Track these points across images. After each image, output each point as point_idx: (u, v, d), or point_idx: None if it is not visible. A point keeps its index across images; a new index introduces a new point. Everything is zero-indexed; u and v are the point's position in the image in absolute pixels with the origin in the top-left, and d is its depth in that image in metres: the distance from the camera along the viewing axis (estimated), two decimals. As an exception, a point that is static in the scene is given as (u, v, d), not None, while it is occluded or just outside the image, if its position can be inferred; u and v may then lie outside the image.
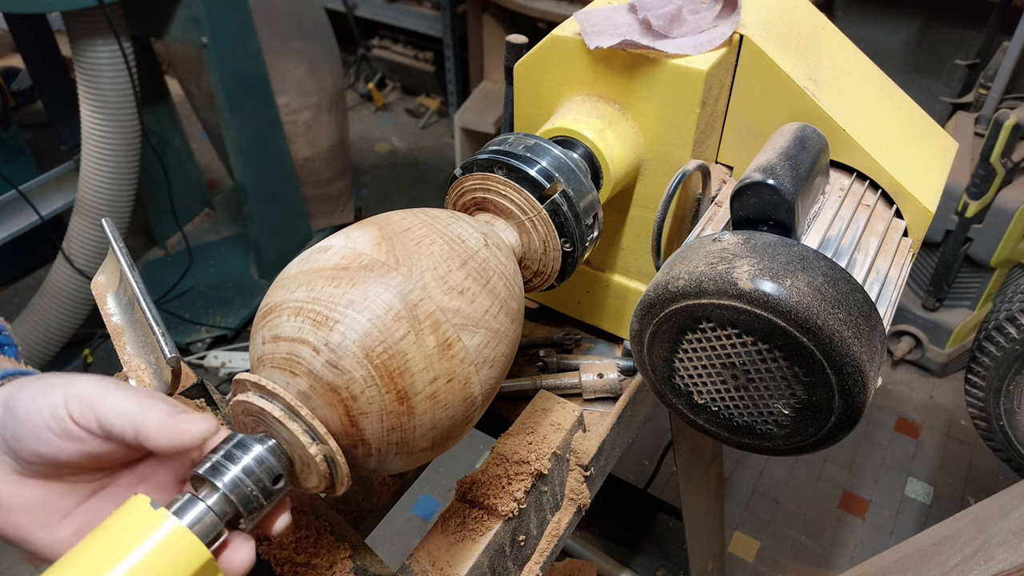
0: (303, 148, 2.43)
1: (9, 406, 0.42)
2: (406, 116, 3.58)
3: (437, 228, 0.51)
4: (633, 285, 0.76)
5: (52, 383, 0.42)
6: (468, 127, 2.82)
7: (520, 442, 0.61)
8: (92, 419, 0.41)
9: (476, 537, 0.59)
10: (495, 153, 0.58)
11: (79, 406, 0.41)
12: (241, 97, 2.03)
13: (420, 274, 0.47)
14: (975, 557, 0.72)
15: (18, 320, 2.07)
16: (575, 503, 0.67)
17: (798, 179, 0.55)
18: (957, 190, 1.93)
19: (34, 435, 0.41)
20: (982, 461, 2.02)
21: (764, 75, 0.64)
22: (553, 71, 0.67)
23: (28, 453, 0.41)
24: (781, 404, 0.51)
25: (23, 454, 0.41)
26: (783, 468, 2.03)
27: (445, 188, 0.62)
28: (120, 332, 0.60)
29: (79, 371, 2.36)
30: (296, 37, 2.26)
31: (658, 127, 0.65)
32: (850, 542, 1.86)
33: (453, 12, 2.93)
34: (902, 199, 0.65)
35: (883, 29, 2.41)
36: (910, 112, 0.74)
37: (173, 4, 1.85)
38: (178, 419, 0.41)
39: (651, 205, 0.70)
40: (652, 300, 0.53)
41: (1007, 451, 1.23)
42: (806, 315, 0.46)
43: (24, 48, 2.06)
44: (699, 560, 1.21)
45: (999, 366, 1.18)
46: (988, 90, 1.99)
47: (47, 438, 0.41)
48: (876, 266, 0.60)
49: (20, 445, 0.41)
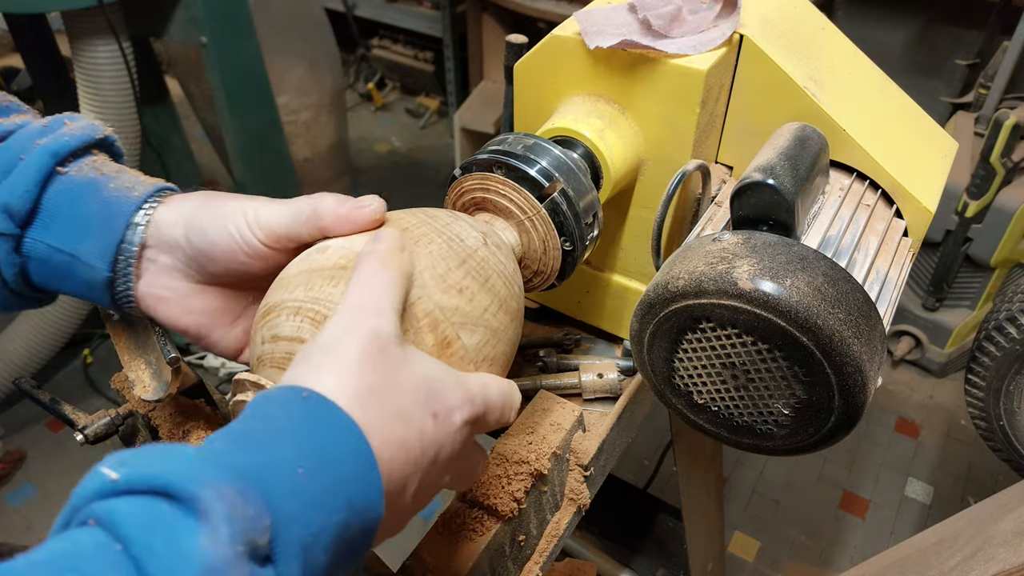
0: (303, 148, 2.43)
1: (194, 227, 0.48)
2: (406, 116, 3.58)
3: (436, 227, 0.51)
4: (633, 285, 0.76)
5: (228, 210, 0.48)
6: (468, 127, 2.82)
7: (520, 442, 0.61)
8: (273, 234, 0.48)
9: (476, 537, 0.59)
10: (494, 153, 0.58)
11: (260, 224, 0.48)
12: (241, 97, 2.03)
13: (418, 273, 0.46)
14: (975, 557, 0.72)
15: (18, 320, 2.07)
16: (575, 503, 0.67)
17: (798, 179, 0.55)
18: (957, 190, 1.92)
19: (229, 256, 0.48)
20: (982, 461, 2.02)
21: (764, 75, 0.64)
22: (553, 71, 0.67)
23: (219, 269, 0.49)
24: (781, 404, 0.51)
25: (212, 269, 0.49)
26: (783, 468, 2.03)
27: (445, 188, 0.62)
28: (120, 332, 0.60)
29: (79, 371, 2.35)
30: (296, 37, 2.26)
31: (658, 127, 0.65)
32: (850, 542, 1.86)
33: (453, 12, 2.93)
34: (902, 199, 0.65)
35: (883, 29, 2.41)
36: (910, 112, 0.74)
37: (173, 4, 1.84)
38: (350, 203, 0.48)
39: (651, 205, 0.70)
40: (652, 300, 0.53)
41: (1007, 451, 1.23)
42: (806, 315, 0.46)
43: (24, 48, 2.06)
44: (699, 560, 1.21)
45: (999, 366, 1.18)
46: (988, 90, 1.99)
47: (241, 259, 0.48)
48: (876, 266, 0.60)
49: (211, 263, 0.49)
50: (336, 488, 0.33)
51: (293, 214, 0.48)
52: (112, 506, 0.28)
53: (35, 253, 0.48)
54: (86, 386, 2.25)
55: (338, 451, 0.34)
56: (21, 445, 2.09)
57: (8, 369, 2.06)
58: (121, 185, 0.49)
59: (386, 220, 0.50)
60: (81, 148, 0.50)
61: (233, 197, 0.50)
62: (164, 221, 0.49)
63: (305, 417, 0.34)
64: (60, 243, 0.48)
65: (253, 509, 0.30)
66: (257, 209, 0.48)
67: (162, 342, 0.55)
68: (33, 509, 1.93)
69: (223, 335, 0.54)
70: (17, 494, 1.98)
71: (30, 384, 0.67)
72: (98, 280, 0.49)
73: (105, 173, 0.50)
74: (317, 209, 0.48)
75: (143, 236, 0.49)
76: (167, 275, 0.50)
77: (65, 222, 0.48)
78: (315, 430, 0.34)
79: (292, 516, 0.31)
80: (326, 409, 0.35)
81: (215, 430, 0.62)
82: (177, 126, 2.48)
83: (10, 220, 0.47)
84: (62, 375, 2.29)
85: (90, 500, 0.28)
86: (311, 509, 0.32)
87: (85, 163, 0.50)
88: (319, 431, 0.34)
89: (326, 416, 0.35)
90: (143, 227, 0.49)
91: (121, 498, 0.28)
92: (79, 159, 0.50)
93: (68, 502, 0.29)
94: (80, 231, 0.48)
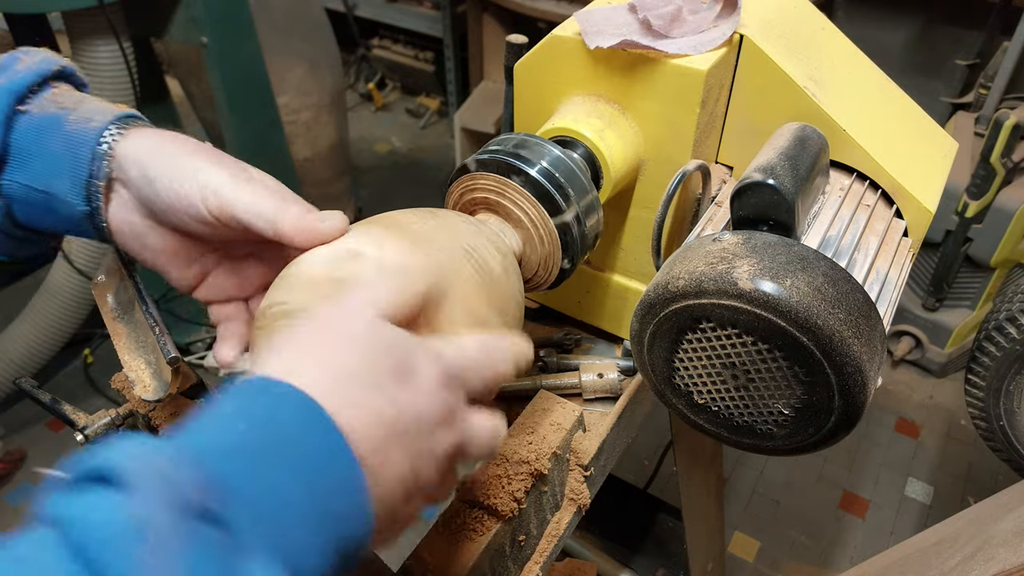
0: (303, 148, 2.43)
1: (146, 176, 0.47)
2: (406, 116, 3.58)
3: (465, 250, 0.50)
4: (633, 285, 0.76)
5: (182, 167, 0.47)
6: (468, 127, 2.82)
7: (520, 442, 0.61)
8: (229, 216, 0.46)
9: (476, 537, 0.59)
10: (495, 153, 0.58)
11: (217, 202, 0.46)
12: (241, 97, 2.03)
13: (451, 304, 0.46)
14: (975, 557, 0.72)
15: (18, 320, 2.07)
16: (575, 503, 0.67)
17: (798, 179, 0.55)
18: (957, 190, 1.92)
19: (173, 213, 0.47)
20: (982, 461, 2.02)
21: (764, 75, 0.64)
22: (553, 71, 0.67)
23: (166, 221, 0.49)
24: (781, 404, 0.51)
25: (161, 219, 0.49)
26: (783, 468, 2.03)
27: (445, 188, 0.62)
28: (120, 332, 0.60)
29: (79, 371, 2.35)
30: (296, 37, 2.26)
31: (658, 127, 0.65)
32: (850, 542, 1.86)
33: (453, 12, 2.93)
34: (902, 199, 0.65)
35: (883, 29, 2.41)
36: (910, 112, 0.74)
37: (173, 4, 1.84)
38: (311, 217, 0.46)
39: (651, 205, 0.70)
40: (652, 300, 0.53)
41: (1007, 451, 1.23)
42: (806, 315, 0.46)
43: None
44: (699, 560, 1.21)
45: (999, 366, 1.18)
46: (988, 90, 1.99)
47: (184, 219, 0.48)
48: (876, 266, 0.60)
49: (159, 213, 0.48)
50: (284, 447, 0.32)
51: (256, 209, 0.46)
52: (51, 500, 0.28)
53: (15, 194, 0.48)
54: (86, 386, 2.25)
55: (279, 413, 0.33)
56: (21, 445, 2.09)
57: (8, 369, 2.06)
58: (80, 116, 0.48)
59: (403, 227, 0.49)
60: (38, 83, 0.49)
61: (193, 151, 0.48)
62: (123, 154, 0.48)
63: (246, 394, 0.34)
64: (34, 182, 0.48)
65: (189, 472, 0.30)
66: (219, 183, 0.46)
67: (162, 342, 0.55)
68: (33, 509, 1.93)
69: (179, 274, 0.53)
70: (17, 494, 1.98)
71: (30, 384, 0.68)
72: (76, 214, 0.49)
73: (64, 106, 0.49)
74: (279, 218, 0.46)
75: (107, 168, 0.48)
76: (126, 208, 0.50)
77: (35, 160, 0.48)
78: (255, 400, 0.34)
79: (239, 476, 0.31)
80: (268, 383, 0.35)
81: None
82: (177, 126, 2.48)
83: None
84: (62, 375, 2.29)
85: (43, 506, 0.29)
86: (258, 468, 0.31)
87: (45, 97, 0.49)
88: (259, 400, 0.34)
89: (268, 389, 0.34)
90: (106, 161, 0.48)
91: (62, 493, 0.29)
92: (38, 94, 0.49)
93: None
94: (50, 168, 0.48)
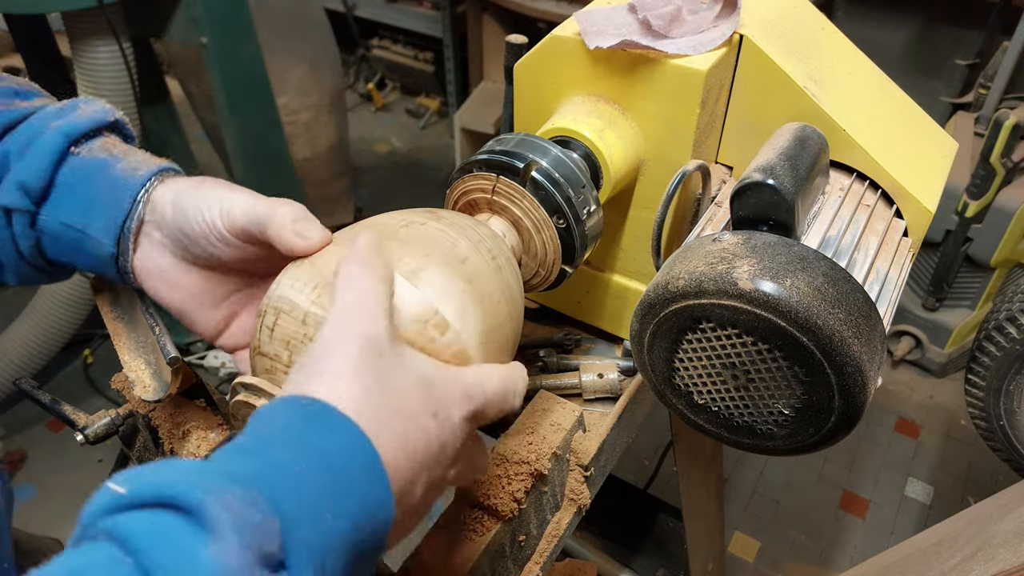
0: (303, 148, 2.43)
1: (179, 207, 0.50)
2: (406, 116, 3.58)
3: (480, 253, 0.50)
4: (633, 285, 0.76)
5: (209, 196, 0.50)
6: (468, 127, 2.81)
7: (520, 442, 0.61)
8: (239, 228, 0.49)
9: (476, 537, 0.59)
10: (495, 153, 0.58)
11: (230, 217, 0.49)
12: (241, 97, 2.03)
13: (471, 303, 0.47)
14: (975, 557, 0.72)
15: (18, 320, 2.07)
16: (575, 503, 0.67)
17: (798, 179, 0.55)
18: (957, 190, 1.92)
19: (205, 240, 0.50)
20: (982, 461, 2.02)
21: (764, 75, 0.64)
22: (553, 71, 0.67)
23: (199, 251, 0.51)
24: (781, 404, 0.51)
25: (194, 251, 0.51)
26: (783, 468, 2.03)
27: (445, 188, 0.62)
28: (120, 332, 0.60)
29: (79, 371, 2.36)
30: (296, 37, 2.26)
31: (658, 127, 0.65)
32: (850, 542, 1.86)
33: (453, 12, 2.92)
34: (902, 199, 0.65)
35: (883, 29, 2.41)
36: (910, 112, 0.74)
37: (173, 4, 1.84)
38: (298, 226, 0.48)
39: (651, 205, 0.70)
40: (652, 300, 0.53)
41: (1007, 451, 1.23)
42: (806, 315, 0.46)
43: (24, 48, 2.06)
44: (699, 560, 1.21)
45: (999, 366, 1.18)
46: (988, 90, 1.99)
47: (214, 243, 0.50)
48: (876, 266, 0.60)
49: (193, 244, 0.50)
50: (343, 489, 0.33)
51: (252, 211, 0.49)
52: (120, 520, 0.28)
53: (49, 229, 0.51)
54: (86, 386, 2.25)
55: (342, 453, 0.34)
56: (21, 445, 2.09)
57: (8, 369, 2.06)
58: (128, 165, 0.52)
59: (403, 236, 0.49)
60: (93, 130, 0.53)
61: (220, 184, 0.51)
62: (159, 199, 0.51)
63: (305, 421, 0.34)
64: (71, 220, 0.51)
65: (260, 514, 0.29)
66: (232, 199, 0.49)
67: (162, 342, 0.55)
68: (34, 509, 1.93)
69: (205, 317, 0.55)
70: (18, 494, 1.98)
71: (30, 384, 0.67)
72: (104, 255, 0.51)
73: (114, 153, 0.53)
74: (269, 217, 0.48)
75: (141, 212, 0.51)
76: (157, 251, 0.52)
77: (76, 200, 0.51)
78: (316, 434, 0.34)
79: (300, 519, 0.31)
80: (326, 413, 0.35)
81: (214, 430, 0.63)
82: (177, 126, 2.48)
83: (26, 197, 0.50)
84: (62, 375, 2.29)
85: (99, 516, 0.29)
86: (319, 511, 0.32)
87: (96, 144, 0.53)
88: (320, 434, 0.34)
89: (326, 419, 0.35)
90: (142, 205, 0.51)
91: (128, 512, 0.28)
92: (91, 140, 0.53)
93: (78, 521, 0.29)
94: (89, 209, 0.51)
